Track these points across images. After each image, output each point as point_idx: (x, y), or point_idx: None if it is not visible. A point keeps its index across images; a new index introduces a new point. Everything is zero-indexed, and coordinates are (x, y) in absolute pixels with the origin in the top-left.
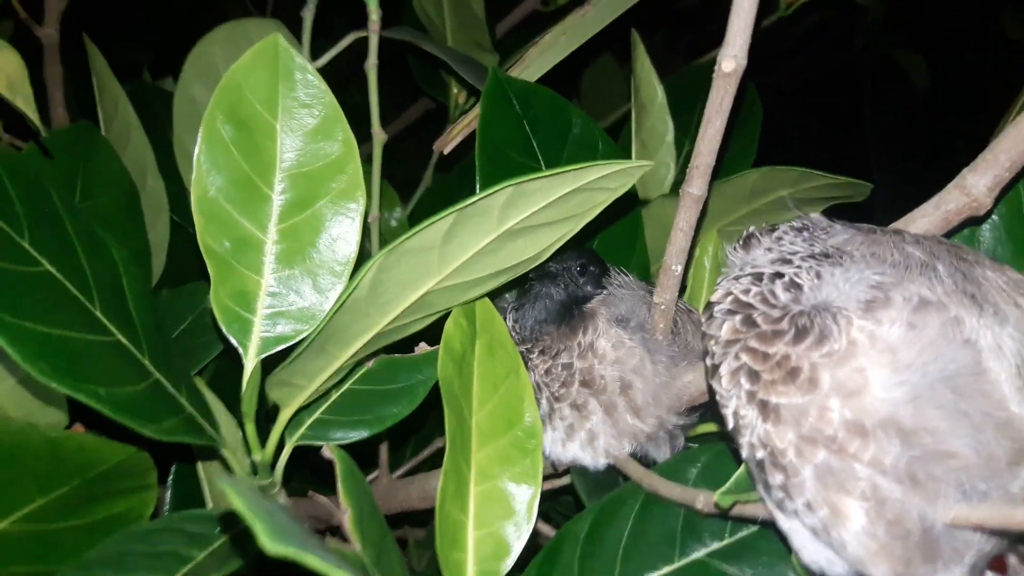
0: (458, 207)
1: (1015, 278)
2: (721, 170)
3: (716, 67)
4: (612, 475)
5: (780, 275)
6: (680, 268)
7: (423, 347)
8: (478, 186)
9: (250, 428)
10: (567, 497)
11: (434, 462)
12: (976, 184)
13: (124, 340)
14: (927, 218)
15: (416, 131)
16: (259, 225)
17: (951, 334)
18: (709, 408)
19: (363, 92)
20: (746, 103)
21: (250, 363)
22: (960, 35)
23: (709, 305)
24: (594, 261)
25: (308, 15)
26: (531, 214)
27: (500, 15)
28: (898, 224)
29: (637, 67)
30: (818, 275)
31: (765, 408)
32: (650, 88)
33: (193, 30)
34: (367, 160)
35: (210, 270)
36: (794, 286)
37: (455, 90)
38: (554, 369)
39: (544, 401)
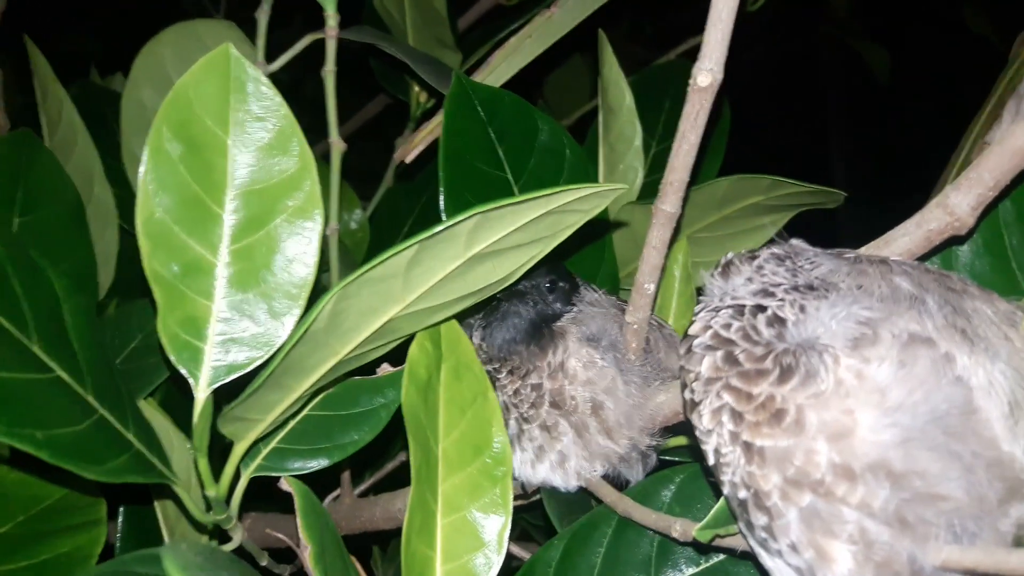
0: (422, 237)
1: (1004, 309)
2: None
3: (691, 80)
4: (584, 496)
5: (762, 308)
6: (653, 287)
7: (385, 368)
8: (442, 199)
9: (203, 463)
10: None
11: (397, 477)
12: (959, 204)
13: (65, 376)
14: (908, 237)
15: (376, 124)
16: (210, 247)
17: (941, 372)
18: (682, 425)
19: (320, 86)
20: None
21: (201, 395)
22: (922, 28)
23: (687, 337)
24: (563, 276)
25: (263, 16)
26: (500, 238)
27: (462, 9)
28: (878, 242)
29: (605, 69)
30: (802, 309)
31: (749, 449)
32: (618, 91)
33: (144, 20)
34: (326, 159)
35: (157, 297)
36: (777, 321)
37: (416, 88)
38: (523, 390)
39: (512, 422)
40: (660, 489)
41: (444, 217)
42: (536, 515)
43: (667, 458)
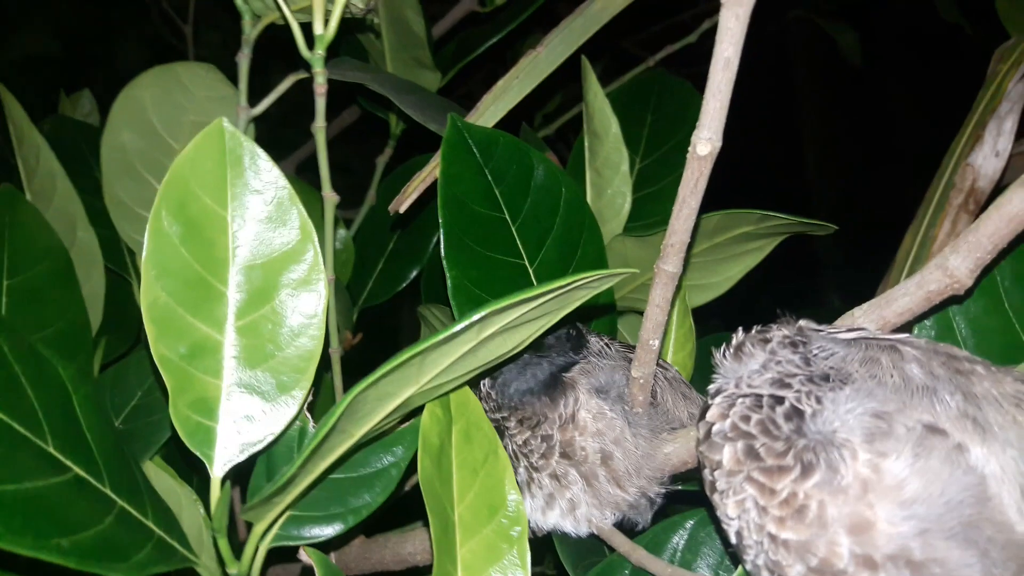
0: (436, 340)
1: (1011, 390)
2: (670, 186)
3: (691, 148)
4: (596, 540)
5: (780, 400)
6: (657, 343)
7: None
8: (443, 247)
9: (223, 544)
10: None
11: (405, 507)
12: (959, 267)
13: (83, 473)
14: (908, 297)
15: (354, 133)
16: (215, 326)
17: (955, 463)
18: (691, 472)
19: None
20: (695, 117)
21: (217, 475)
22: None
23: (705, 422)
24: (572, 325)
25: (244, 61)
26: (510, 320)
27: (436, 16)
28: (879, 302)
29: (589, 96)
30: (818, 400)
31: (774, 540)
32: (604, 118)
33: (104, 19)
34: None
35: (167, 381)
36: (795, 414)
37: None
38: (533, 440)
39: (522, 470)
40: (671, 536)
41: (445, 264)
42: (550, 563)
43: (679, 488)
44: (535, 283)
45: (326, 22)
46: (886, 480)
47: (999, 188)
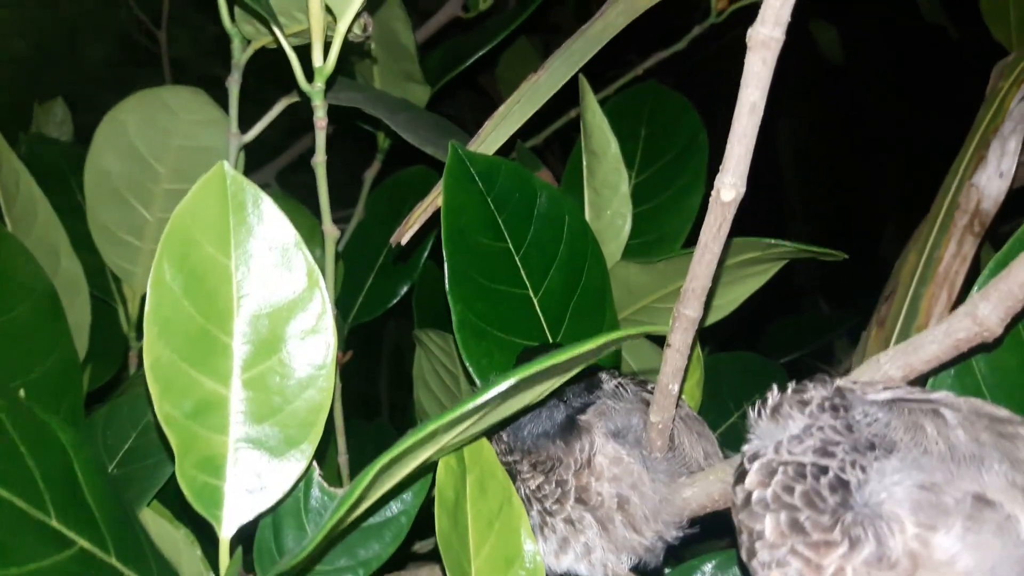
0: (455, 416)
1: None
2: (667, 203)
3: (714, 193)
4: None
5: (824, 470)
6: (677, 387)
7: None
8: (447, 279)
9: None
10: None
11: None
12: (989, 316)
13: (88, 545)
14: (936, 345)
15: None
16: (221, 380)
17: (1007, 534)
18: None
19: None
20: (689, 131)
21: (225, 536)
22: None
23: (744, 488)
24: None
25: (234, 86)
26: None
27: (417, 23)
28: (906, 348)
29: (588, 115)
30: (863, 470)
31: None
32: (602, 138)
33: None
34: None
35: (172, 441)
36: (841, 484)
37: None
38: (547, 485)
39: (535, 514)
40: None
41: (449, 298)
42: None
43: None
44: (539, 313)
45: (325, 53)
46: (936, 555)
47: (1006, 208)
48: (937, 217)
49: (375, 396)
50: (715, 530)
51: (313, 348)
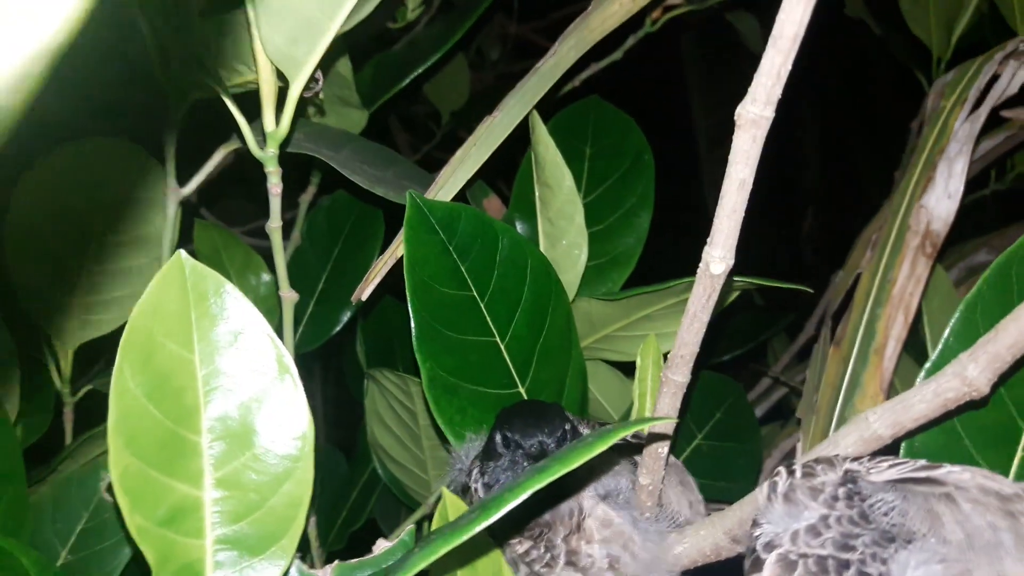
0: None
1: None
2: (617, 224)
3: (702, 265)
4: None
5: (846, 565)
6: (665, 450)
7: (381, 545)
8: (414, 335)
9: None
10: None
11: None
12: (977, 377)
13: None
14: (926, 404)
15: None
16: (193, 482)
17: None
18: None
19: None
20: (635, 150)
21: None
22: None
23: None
24: (565, 418)
25: (170, 144)
26: None
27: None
28: (895, 407)
29: (540, 148)
30: (884, 562)
31: None
32: (556, 171)
33: None
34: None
35: (146, 553)
36: None
37: None
38: (535, 550)
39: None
40: None
41: (418, 356)
42: None
43: None
44: (507, 359)
45: (277, 115)
46: None
47: (955, 228)
48: (888, 239)
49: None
50: None
51: (288, 439)
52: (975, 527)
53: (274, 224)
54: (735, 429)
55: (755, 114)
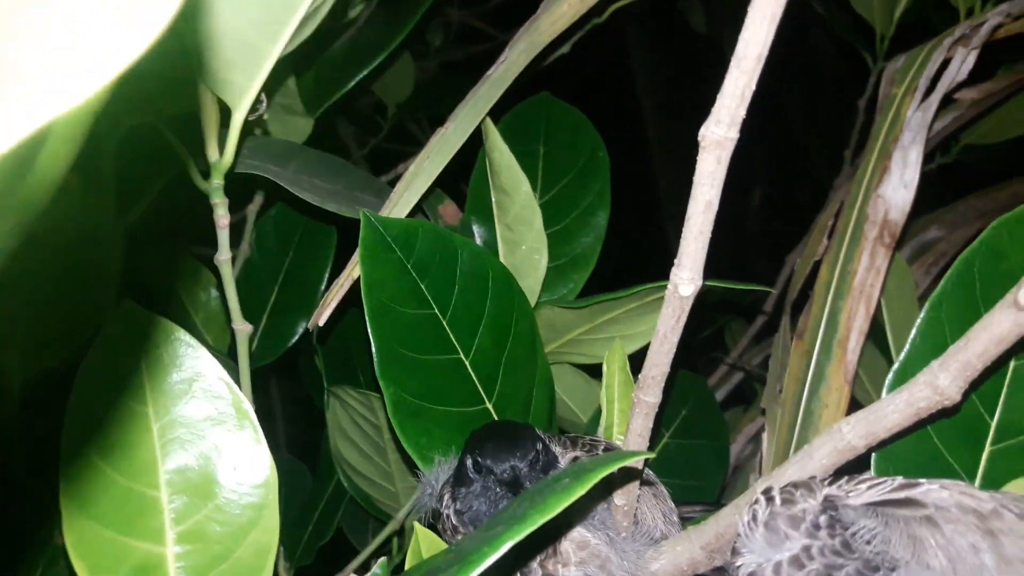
0: None
1: None
2: (575, 224)
3: (670, 287)
4: None
5: None
6: (640, 473)
7: None
8: (376, 360)
9: None
10: None
11: None
12: (949, 386)
13: None
14: (898, 414)
15: None
16: (154, 539)
17: None
18: None
19: None
20: (589, 147)
21: None
22: None
23: None
24: (536, 438)
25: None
26: None
27: None
28: (868, 418)
29: (495, 155)
30: None
31: None
32: (512, 176)
33: None
34: None
35: None
36: None
37: None
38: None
39: None
40: None
41: (381, 382)
42: None
43: None
44: (473, 376)
45: (220, 144)
46: None
47: (912, 217)
48: (847, 230)
49: (272, 436)
50: None
51: (251, 488)
52: (957, 550)
53: (223, 256)
54: (702, 426)
55: (719, 135)
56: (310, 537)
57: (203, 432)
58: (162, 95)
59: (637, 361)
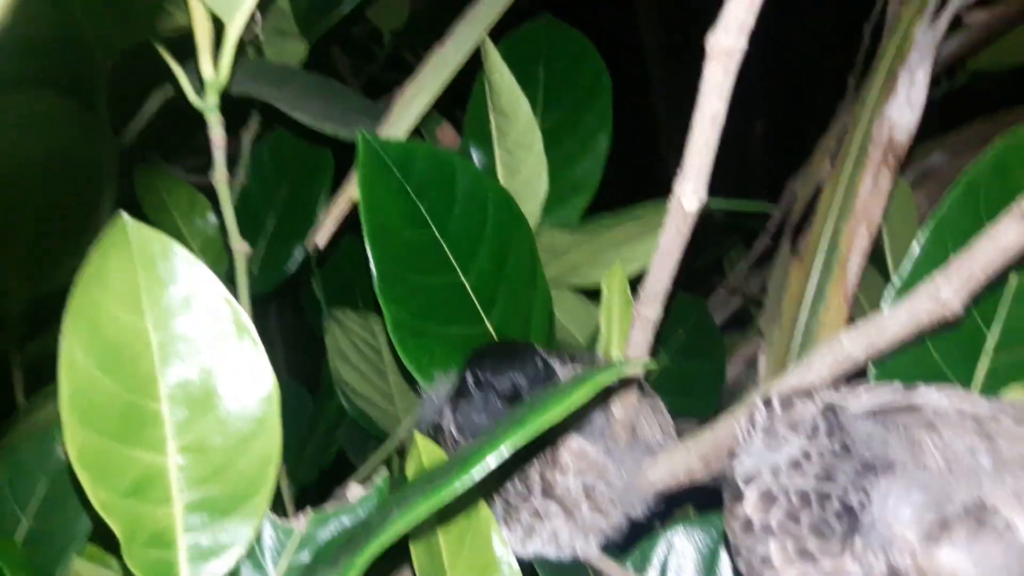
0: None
1: None
2: (575, 149)
3: (674, 200)
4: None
5: (827, 496)
6: (638, 385)
7: (355, 490)
8: (376, 281)
9: None
10: None
11: None
12: (951, 299)
13: None
14: (900, 326)
15: None
16: (156, 450)
17: (1006, 539)
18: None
19: None
20: (592, 72)
21: None
22: None
23: (743, 512)
24: (536, 354)
25: (98, 92)
26: None
27: None
28: (869, 331)
29: (495, 76)
30: (866, 492)
31: None
32: (512, 99)
33: None
34: None
35: (114, 527)
36: (846, 511)
37: None
38: (509, 484)
39: (499, 508)
40: (656, 550)
41: (381, 301)
42: None
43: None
44: (473, 297)
45: (215, 60)
46: (944, 570)
47: (915, 143)
48: (850, 151)
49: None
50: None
51: (252, 401)
52: (954, 452)
53: (219, 176)
54: (700, 346)
55: (727, 44)
56: (311, 458)
57: (203, 347)
58: (153, 12)
59: (637, 285)
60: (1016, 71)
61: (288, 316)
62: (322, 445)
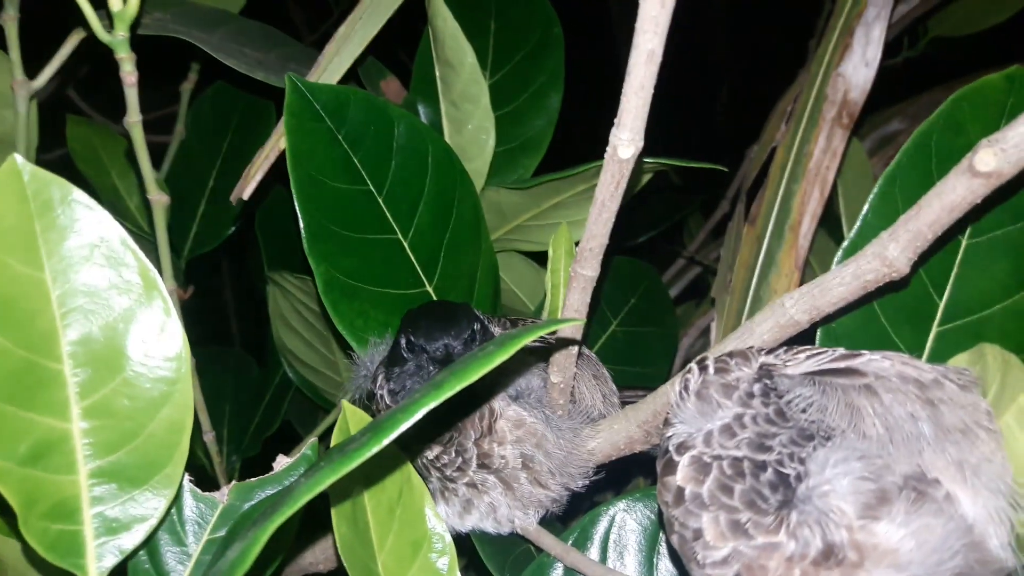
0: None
1: (971, 411)
2: (526, 106)
3: (609, 149)
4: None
5: (762, 466)
6: (576, 348)
7: (282, 460)
8: (304, 236)
9: None
10: None
11: None
12: (898, 257)
13: None
14: (844, 287)
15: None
16: (58, 414)
17: (947, 514)
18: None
19: None
20: (543, 24)
21: None
22: None
23: (675, 482)
24: (473, 318)
25: (11, 24)
26: None
27: None
28: (813, 290)
29: (438, 22)
30: (802, 461)
31: None
32: (456, 47)
33: None
34: None
35: (8, 497)
36: (781, 481)
37: None
38: (445, 455)
39: (435, 480)
40: (597, 526)
41: (310, 259)
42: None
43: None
44: (412, 258)
45: None
46: (882, 545)
47: (868, 97)
48: (804, 110)
49: (225, 330)
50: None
51: (162, 361)
52: (895, 419)
53: (132, 118)
54: (651, 314)
55: None
56: (256, 428)
57: (107, 301)
58: None
59: None
60: (975, 37)
61: (241, 283)
62: (267, 415)
